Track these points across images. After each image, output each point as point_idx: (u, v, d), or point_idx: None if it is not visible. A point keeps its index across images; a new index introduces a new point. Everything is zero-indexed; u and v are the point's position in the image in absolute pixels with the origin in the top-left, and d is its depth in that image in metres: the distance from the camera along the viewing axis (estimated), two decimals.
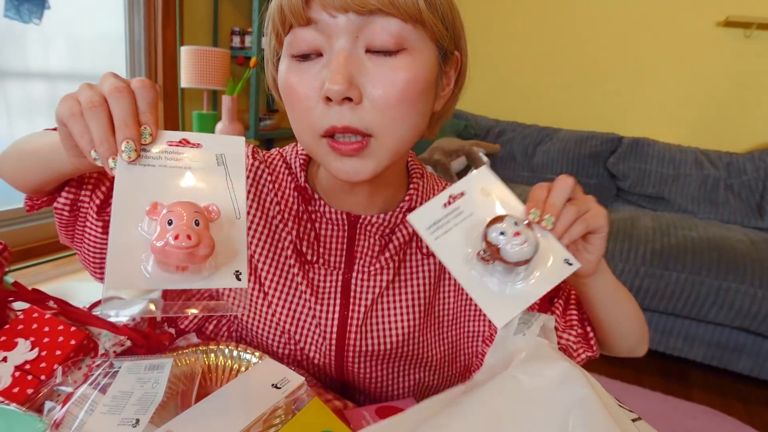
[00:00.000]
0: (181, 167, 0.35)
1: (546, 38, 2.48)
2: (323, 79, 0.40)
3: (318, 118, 0.42)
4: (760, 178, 1.97)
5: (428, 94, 0.44)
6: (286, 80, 0.43)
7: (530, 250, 0.37)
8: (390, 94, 0.40)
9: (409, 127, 0.43)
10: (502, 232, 0.37)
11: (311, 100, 0.41)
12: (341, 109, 0.40)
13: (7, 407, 0.39)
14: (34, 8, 1.92)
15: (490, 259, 0.38)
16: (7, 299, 0.53)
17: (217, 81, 2.23)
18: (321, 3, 0.39)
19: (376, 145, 0.42)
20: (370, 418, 0.48)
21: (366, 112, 0.41)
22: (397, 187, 0.53)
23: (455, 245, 0.39)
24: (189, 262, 0.31)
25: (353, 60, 0.40)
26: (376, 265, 0.53)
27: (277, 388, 0.45)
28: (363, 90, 0.40)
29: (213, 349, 0.52)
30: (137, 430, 0.39)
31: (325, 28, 0.40)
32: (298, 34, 0.41)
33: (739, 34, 2.13)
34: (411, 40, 0.41)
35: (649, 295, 1.61)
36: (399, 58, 0.40)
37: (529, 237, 0.37)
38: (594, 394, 0.36)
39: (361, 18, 0.39)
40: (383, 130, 0.42)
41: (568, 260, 0.40)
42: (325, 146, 0.43)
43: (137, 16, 2.42)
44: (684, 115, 2.29)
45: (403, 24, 0.40)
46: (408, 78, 0.41)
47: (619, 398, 0.39)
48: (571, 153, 2.24)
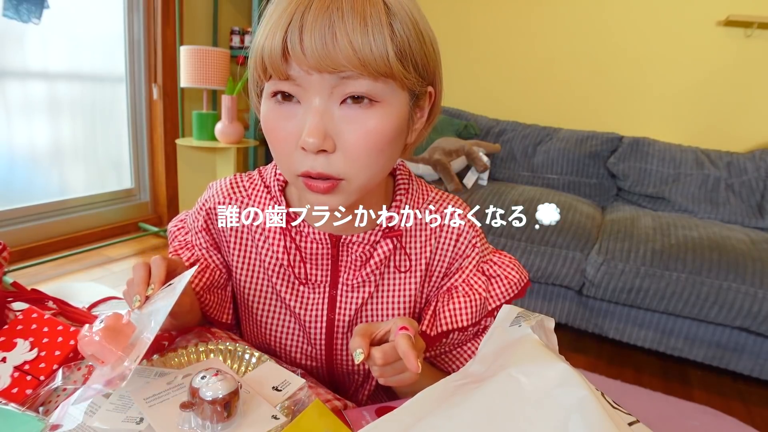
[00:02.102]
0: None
1: (546, 38, 2.48)
2: (300, 128, 0.44)
3: (296, 161, 0.46)
4: (761, 177, 1.97)
5: (399, 137, 0.48)
6: (268, 121, 0.47)
7: (225, 386, 0.39)
8: (360, 145, 0.44)
9: (378, 170, 0.48)
10: (203, 376, 0.40)
11: (290, 144, 0.45)
12: (316, 157, 0.44)
13: (5, 407, 0.39)
14: (33, 8, 1.92)
15: (188, 405, 0.39)
16: (6, 299, 0.53)
17: (217, 81, 2.22)
18: (297, 62, 0.42)
19: (345, 185, 0.46)
20: (369, 418, 0.48)
21: (338, 159, 0.45)
22: (377, 206, 0.56)
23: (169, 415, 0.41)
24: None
25: (327, 115, 0.44)
26: (359, 279, 0.57)
27: (278, 390, 0.45)
28: (336, 140, 0.44)
29: (213, 349, 0.52)
30: (141, 427, 0.39)
31: (302, 83, 0.43)
32: (278, 85, 0.45)
33: (740, 33, 2.12)
34: (382, 94, 0.44)
35: (649, 295, 1.61)
36: (370, 111, 0.44)
37: (227, 378, 0.40)
38: (593, 396, 0.36)
39: (333, 77, 0.42)
40: (353, 175, 0.46)
41: (275, 416, 0.42)
42: (301, 183, 0.47)
43: (137, 15, 2.42)
44: (684, 114, 2.29)
45: (373, 82, 0.43)
46: (378, 129, 0.44)
47: (619, 398, 0.39)
48: (572, 153, 2.24)
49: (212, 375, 0.40)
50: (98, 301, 0.62)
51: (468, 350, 0.62)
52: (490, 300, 0.60)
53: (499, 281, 0.60)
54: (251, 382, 0.46)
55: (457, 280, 0.60)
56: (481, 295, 0.59)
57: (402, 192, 0.58)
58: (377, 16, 0.41)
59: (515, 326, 0.46)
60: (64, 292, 0.61)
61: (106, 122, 2.45)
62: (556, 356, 0.41)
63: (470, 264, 0.60)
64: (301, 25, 0.41)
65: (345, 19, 0.40)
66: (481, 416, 0.37)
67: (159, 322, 0.42)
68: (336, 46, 0.40)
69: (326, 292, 0.59)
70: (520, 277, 0.61)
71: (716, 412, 1.50)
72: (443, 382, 0.43)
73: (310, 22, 0.40)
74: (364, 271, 0.57)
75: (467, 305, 0.58)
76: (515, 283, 0.60)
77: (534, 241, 1.76)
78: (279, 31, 0.41)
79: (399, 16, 0.43)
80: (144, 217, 2.65)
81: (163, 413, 0.40)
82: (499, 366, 0.43)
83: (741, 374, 1.66)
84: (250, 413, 0.41)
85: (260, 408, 0.42)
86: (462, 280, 0.60)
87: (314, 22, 0.40)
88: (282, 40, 0.41)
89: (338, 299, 0.59)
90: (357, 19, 0.40)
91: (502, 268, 0.61)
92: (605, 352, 1.83)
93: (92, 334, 0.39)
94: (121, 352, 0.39)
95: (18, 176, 2.15)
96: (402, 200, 0.57)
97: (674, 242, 1.65)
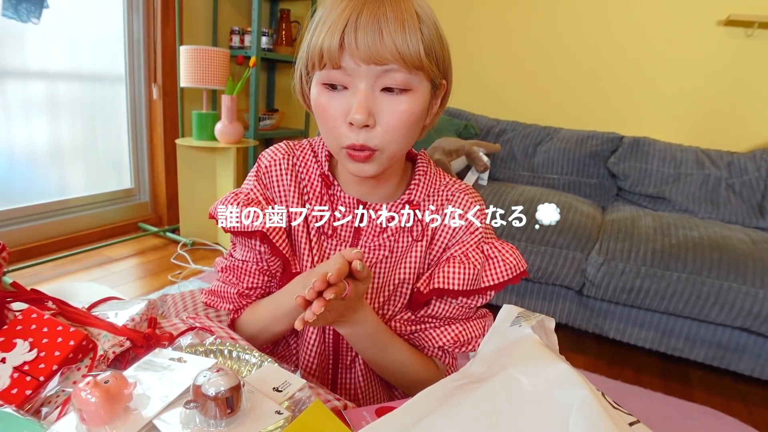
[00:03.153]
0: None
1: (546, 38, 2.48)
2: (348, 107, 0.55)
3: (342, 135, 0.57)
4: (762, 177, 1.97)
5: (422, 117, 0.59)
6: (319, 102, 0.57)
7: (227, 381, 0.39)
8: (395, 123, 0.56)
9: (406, 142, 0.59)
10: (205, 374, 0.40)
11: (338, 120, 0.56)
12: (359, 131, 0.56)
13: (6, 411, 0.39)
14: (33, 8, 1.92)
15: (192, 402, 0.39)
16: (5, 299, 0.52)
17: (217, 80, 2.22)
18: (351, 55, 0.53)
19: (379, 156, 0.58)
20: (369, 418, 0.48)
21: (376, 134, 0.56)
22: (398, 182, 0.67)
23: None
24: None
25: (371, 97, 0.55)
26: (377, 242, 0.66)
27: (279, 391, 0.45)
28: (376, 118, 0.55)
29: (213, 350, 0.52)
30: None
31: (352, 72, 0.54)
32: (331, 73, 0.55)
33: (741, 33, 2.12)
34: (413, 83, 0.55)
35: (649, 295, 1.61)
36: (403, 97, 0.55)
37: (228, 373, 0.40)
38: (594, 396, 0.35)
39: (378, 68, 0.53)
40: (387, 146, 0.57)
41: (279, 411, 0.42)
42: (344, 153, 0.58)
43: (136, 15, 2.42)
44: (685, 114, 2.29)
45: (408, 74, 0.54)
46: (409, 111, 0.56)
47: (619, 398, 0.39)
48: (572, 152, 2.24)
49: (214, 371, 0.40)
50: (98, 301, 0.62)
51: (448, 333, 0.66)
52: (484, 276, 0.63)
53: (496, 262, 0.64)
54: (251, 383, 0.46)
55: (456, 251, 0.65)
56: (476, 267, 0.63)
57: (421, 173, 0.67)
58: (412, 22, 0.53)
59: (515, 326, 0.46)
60: (63, 292, 0.61)
61: (106, 122, 2.45)
62: (557, 356, 0.41)
63: (472, 240, 0.65)
64: (356, 26, 0.52)
65: (389, 23, 0.52)
66: (481, 416, 0.37)
67: (160, 407, 0.41)
68: (383, 43, 0.52)
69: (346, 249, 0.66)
70: (517, 263, 0.64)
71: (717, 413, 1.50)
72: (443, 382, 0.43)
73: (363, 25, 0.52)
74: (383, 235, 0.66)
75: (462, 272, 0.62)
76: (511, 267, 0.64)
77: (534, 241, 1.76)
78: (337, 30, 0.52)
79: (426, 23, 0.55)
80: (144, 217, 2.65)
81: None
82: (499, 366, 0.42)
83: (742, 374, 1.66)
84: (253, 409, 0.41)
85: (264, 404, 0.42)
86: (461, 252, 0.65)
87: (367, 24, 0.52)
88: (340, 37, 0.52)
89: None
90: (398, 24, 0.52)
91: (501, 252, 0.65)
92: (605, 352, 1.83)
93: (90, 391, 0.37)
94: (107, 425, 0.38)
95: (18, 176, 2.15)
96: (420, 179, 0.67)
97: (675, 242, 1.65)
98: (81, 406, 0.37)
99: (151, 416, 0.39)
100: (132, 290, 1.97)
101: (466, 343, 0.67)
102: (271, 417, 0.41)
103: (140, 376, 0.43)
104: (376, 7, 0.52)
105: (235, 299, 0.69)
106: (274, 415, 0.41)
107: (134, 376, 0.43)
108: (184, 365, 0.46)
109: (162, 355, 0.47)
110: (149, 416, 0.40)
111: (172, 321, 0.60)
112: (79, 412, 0.38)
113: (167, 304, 0.89)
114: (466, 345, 0.67)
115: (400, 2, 0.53)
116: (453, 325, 0.67)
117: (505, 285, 0.64)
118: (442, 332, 0.67)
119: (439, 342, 0.67)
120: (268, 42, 2.73)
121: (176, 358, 0.47)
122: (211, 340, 0.53)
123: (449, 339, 0.66)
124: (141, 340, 0.50)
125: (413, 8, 0.54)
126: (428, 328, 0.67)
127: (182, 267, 2.20)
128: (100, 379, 0.38)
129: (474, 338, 0.68)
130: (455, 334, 0.66)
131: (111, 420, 0.38)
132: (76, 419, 0.38)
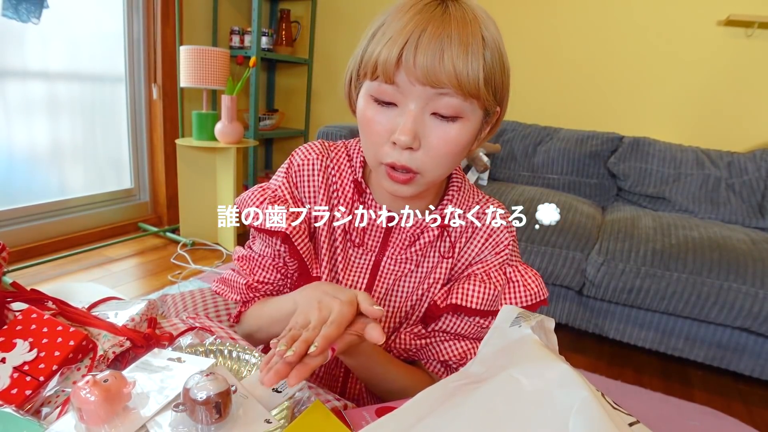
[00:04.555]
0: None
1: (546, 38, 2.48)
2: (394, 126, 0.53)
3: (384, 152, 0.55)
4: (762, 177, 1.97)
5: (469, 145, 0.56)
6: (365, 115, 0.55)
7: (216, 385, 0.39)
8: (441, 149, 0.53)
9: (448, 168, 0.57)
10: (195, 377, 0.40)
11: (382, 137, 0.54)
12: (402, 152, 0.53)
13: (7, 412, 0.39)
14: (33, 8, 1.92)
15: (181, 405, 0.39)
16: (5, 299, 0.52)
17: (217, 80, 2.22)
18: (407, 73, 0.50)
19: (420, 179, 0.56)
20: (369, 418, 0.48)
21: (419, 157, 0.54)
22: (433, 198, 0.65)
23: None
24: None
25: (419, 120, 0.52)
26: (404, 255, 0.65)
27: (278, 391, 0.45)
28: (422, 141, 0.53)
29: (212, 350, 0.52)
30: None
31: (404, 90, 0.51)
32: (383, 88, 0.52)
33: (741, 33, 2.12)
34: (466, 111, 0.52)
35: (649, 296, 1.61)
36: (454, 124, 0.53)
37: (218, 378, 0.39)
38: (593, 396, 0.35)
39: (433, 90, 0.50)
40: (429, 171, 0.55)
41: (268, 420, 0.42)
42: (383, 171, 0.56)
43: (136, 15, 2.42)
44: (685, 114, 2.29)
45: (463, 101, 0.51)
46: (458, 140, 0.53)
47: (619, 399, 0.39)
48: (572, 153, 2.24)
49: (204, 375, 0.40)
50: (98, 302, 0.61)
51: (456, 349, 0.64)
52: (502, 299, 0.62)
53: (517, 287, 0.62)
54: (251, 384, 0.46)
55: (479, 269, 0.63)
56: (496, 288, 0.61)
57: (455, 189, 0.66)
58: (476, 46, 0.50)
59: (515, 327, 0.46)
60: (63, 292, 0.61)
61: (106, 122, 2.45)
62: (556, 357, 0.41)
63: (496, 260, 0.64)
64: (416, 44, 0.49)
65: (452, 45, 0.48)
66: (481, 417, 0.37)
67: (158, 407, 0.41)
68: (442, 66, 0.49)
69: (371, 260, 0.66)
70: (539, 291, 0.62)
71: (717, 413, 1.50)
72: (443, 382, 0.43)
73: (425, 44, 0.48)
74: (411, 249, 0.64)
75: (481, 291, 0.61)
76: (532, 294, 0.62)
77: (534, 241, 1.76)
78: (397, 45, 0.49)
79: (491, 48, 0.51)
80: (143, 217, 2.65)
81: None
82: (499, 367, 0.42)
83: (742, 374, 1.66)
84: (243, 416, 0.41)
85: (254, 411, 0.42)
86: (483, 270, 0.63)
87: (428, 43, 0.48)
88: (399, 52, 0.49)
89: (381, 267, 0.66)
90: (462, 48, 0.49)
91: (524, 277, 0.63)
92: (605, 353, 1.82)
93: (90, 390, 0.38)
94: (106, 423, 0.38)
95: (18, 176, 2.15)
96: (454, 195, 0.65)
97: (675, 242, 1.65)
98: (80, 405, 0.37)
99: (150, 416, 0.39)
100: (132, 290, 1.97)
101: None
102: (259, 425, 0.40)
103: (137, 377, 0.43)
104: (441, 26, 0.49)
105: (243, 290, 0.68)
106: (263, 424, 0.41)
107: (131, 376, 0.43)
108: (182, 365, 0.46)
109: (161, 356, 0.47)
110: (148, 416, 0.40)
111: (172, 321, 0.60)
112: (78, 411, 0.38)
113: (167, 304, 0.89)
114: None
115: (468, 24, 0.50)
116: (462, 342, 0.64)
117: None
118: (449, 347, 0.64)
119: (444, 356, 0.64)
120: (268, 42, 2.73)
121: (175, 358, 0.47)
122: (211, 340, 0.53)
123: (456, 354, 0.64)
124: (141, 340, 0.50)
125: (480, 31, 0.50)
126: (436, 342, 0.65)
127: (182, 267, 2.20)
128: (100, 378, 0.38)
129: None
130: (463, 351, 0.64)
131: (110, 419, 0.38)
132: (75, 418, 0.38)
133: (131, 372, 0.44)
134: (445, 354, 0.64)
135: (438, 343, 0.65)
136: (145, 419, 0.39)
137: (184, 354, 0.48)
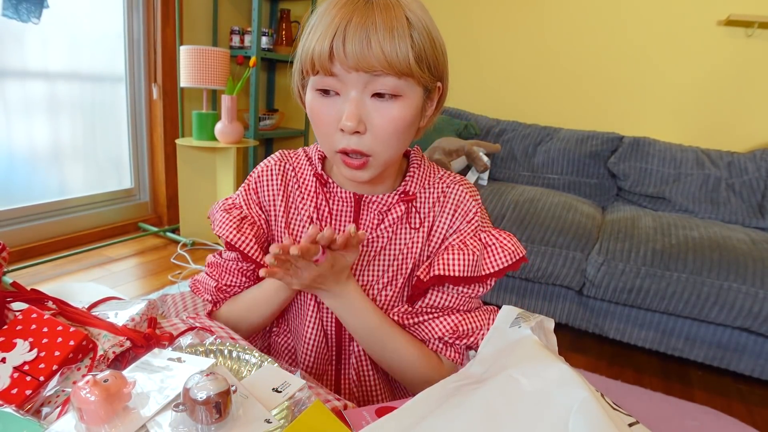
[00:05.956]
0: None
1: (546, 38, 2.48)
2: (340, 113, 0.56)
3: (335, 140, 0.58)
4: (762, 177, 1.97)
5: (414, 122, 0.59)
6: (313, 107, 0.59)
7: (216, 385, 0.39)
8: (386, 129, 0.57)
9: (398, 147, 0.60)
10: (195, 377, 0.40)
11: (331, 126, 0.58)
12: (351, 137, 0.57)
13: (7, 411, 0.39)
14: (33, 7, 1.92)
15: (181, 405, 0.39)
16: (5, 299, 0.52)
17: (217, 80, 2.22)
18: (340, 62, 0.53)
19: (373, 161, 0.59)
20: (369, 418, 0.48)
21: (368, 140, 0.57)
22: (394, 178, 0.68)
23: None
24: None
25: (361, 104, 0.56)
26: (375, 234, 0.67)
27: (278, 391, 0.45)
28: (367, 124, 0.56)
29: (212, 350, 0.52)
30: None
31: (343, 79, 0.55)
32: (324, 80, 0.56)
33: (741, 33, 2.12)
34: (403, 89, 0.56)
35: (649, 295, 1.61)
36: (394, 103, 0.56)
37: (218, 378, 0.39)
38: (593, 397, 0.35)
39: (368, 75, 0.54)
40: (379, 152, 0.58)
41: (269, 420, 0.42)
42: (339, 158, 0.59)
43: (136, 15, 2.42)
44: (685, 114, 2.29)
45: (397, 80, 0.54)
46: (399, 117, 0.56)
47: (619, 398, 0.39)
48: (572, 152, 2.24)
49: (204, 375, 0.40)
50: (98, 301, 0.62)
51: (447, 323, 0.65)
52: (483, 264, 0.63)
53: (494, 249, 0.64)
54: (251, 384, 0.46)
55: (455, 240, 0.65)
56: (475, 254, 0.63)
57: (415, 167, 0.69)
58: (401, 29, 0.53)
59: (515, 327, 0.46)
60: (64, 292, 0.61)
61: (106, 122, 2.45)
62: (556, 357, 0.41)
63: (469, 228, 0.66)
64: (344, 35, 0.52)
65: (377, 31, 0.52)
66: (481, 417, 0.37)
67: (158, 407, 0.41)
68: (370, 51, 0.52)
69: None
70: (516, 249, 0.64)
71: (717, 413, 1.50)
72: (443, 382, 0.43)
73: (351, 33, 0.52)
74: (380, 227, 0.67)
75: (461, 257, 0.62)
76: (510, 253, 0.64)
77: (534, 241, 1.76)
78: (327, 38, 0.53)
79: (417, 28, 0.54)
80: (144, 217, 2.65)
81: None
82: (499, 367, 0.42)
83: (742, 374, 1.66)
84: (243, 416, 0.41)
85: (254, 411, 0.42)
86: (459, 240, 0.65)
87: (355, 32, 0.52)
88: (329, 45, 0.53)
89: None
90: (386, 32, 0.52)
91: (499, 240, 0.65)
92: (605, 353, 1.83)
93: (90, 390, 0.38)
94: (106, 423, 0.38)
95: (18, 176, 2.15)
96: (415, 172, 0.68)
97: (675, 242, 1.65)
98: (80, 405, 0.37)
99: (150, 416, 0.39)
100: (132, 290, 1.97)
101: (465, 334, 0.65)
102: (259, 425, 0.40)
103: (137, 377, 0.43)
104: (365, 15, 0.52)
105: (213, 292, 0.71)
106: (263, 423, 0.41)
107: (131, 376, 0.43)
108: (182, 365, 0.46)
109: (161, 356, 0.47)
110: (148, 416, 0.40)
111: (172, 321, 0.60)
112: (79, 411, 0.38)
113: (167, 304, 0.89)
114: (467, 337, 0.65)
115: (391, 8, 0.53)
116: (452, 316, 0.66)
117: (505, 272, 0.63)
118: (440, 322, 0.66)
119: (438, 333, 0.65)
120: (268, 42, 2.73)
121: (175, 358, 0.47)
122: (211, 340, 0.53)
123: (448, 329, 0.65)
124: (141, 340, 0.50)
125: (404, 14, 0.54)
126: (427, 320, 0.66)
127: (182, 267, 2.20)
128: (100, 378, 0.38)
129: (474, 330, 0.66)
130: (454, 324, 0.65)
131: (110, 419, 0.38)
132: (75, 418, 0.38)
133: (131, 372, 0.44)
134: (438, 331, 0.65)
135: (428, 321, 0.66)
136: (145, 419, 0.39)
137: (184, 354, 0.48)
